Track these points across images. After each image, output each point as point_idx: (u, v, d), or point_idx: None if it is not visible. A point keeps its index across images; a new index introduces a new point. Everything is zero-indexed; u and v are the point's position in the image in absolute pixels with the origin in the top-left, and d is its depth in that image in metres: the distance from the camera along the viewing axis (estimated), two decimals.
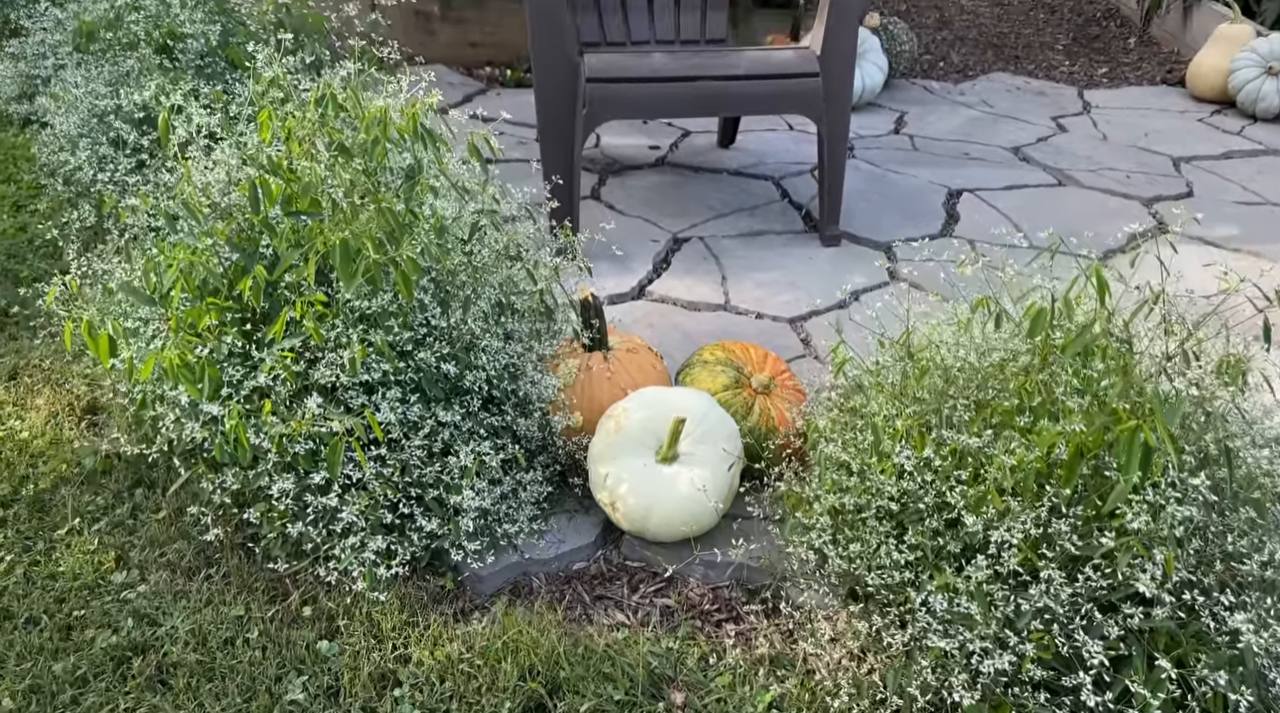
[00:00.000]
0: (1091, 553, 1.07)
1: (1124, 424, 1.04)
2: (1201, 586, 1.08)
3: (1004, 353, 1.27)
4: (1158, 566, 1.04)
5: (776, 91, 2.37)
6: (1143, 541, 1.05)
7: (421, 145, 1.53)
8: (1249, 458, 1.11)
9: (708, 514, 1.44)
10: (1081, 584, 1.07)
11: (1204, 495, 1.08)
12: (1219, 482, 1.11)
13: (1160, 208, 2.74)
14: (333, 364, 1.34)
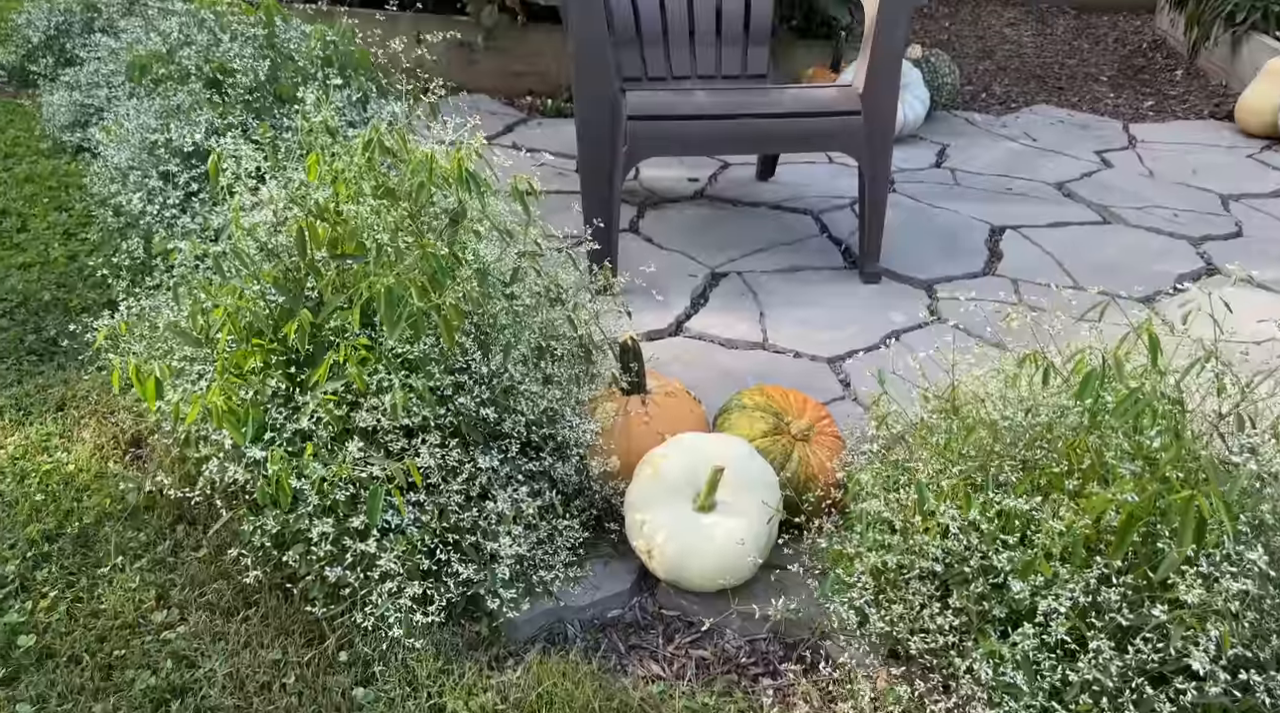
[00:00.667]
0: (1142, 624, 1.05)
1: (1178, 493, 1.01)
2: (1257, 661, 1.05)
3: (1051, 411, 1.24)
4: (1212, 640, 1.01)
5: (818, 129, 2.36)
6: (1196, 614, 1.02)
7: (466, 190, 1.54)
8: None
9: (745, 566, 1.42)
10: (1131, 656, 1.05)
11: (1260, 568, 1.05)
12: (1276, 552, 1.08)
13: (1209, 248, 2.69)
14: (374, 409, 1.34)
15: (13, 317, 2.16)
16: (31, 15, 3.61)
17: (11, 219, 2.57)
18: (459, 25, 3.79)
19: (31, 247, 2.44)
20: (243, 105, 2.21)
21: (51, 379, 1.95)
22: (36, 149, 3.00)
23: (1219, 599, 1.03)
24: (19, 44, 3.61)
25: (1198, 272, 2.56)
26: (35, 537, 1.55)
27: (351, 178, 1.56)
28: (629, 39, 2.75)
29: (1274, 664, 1.04)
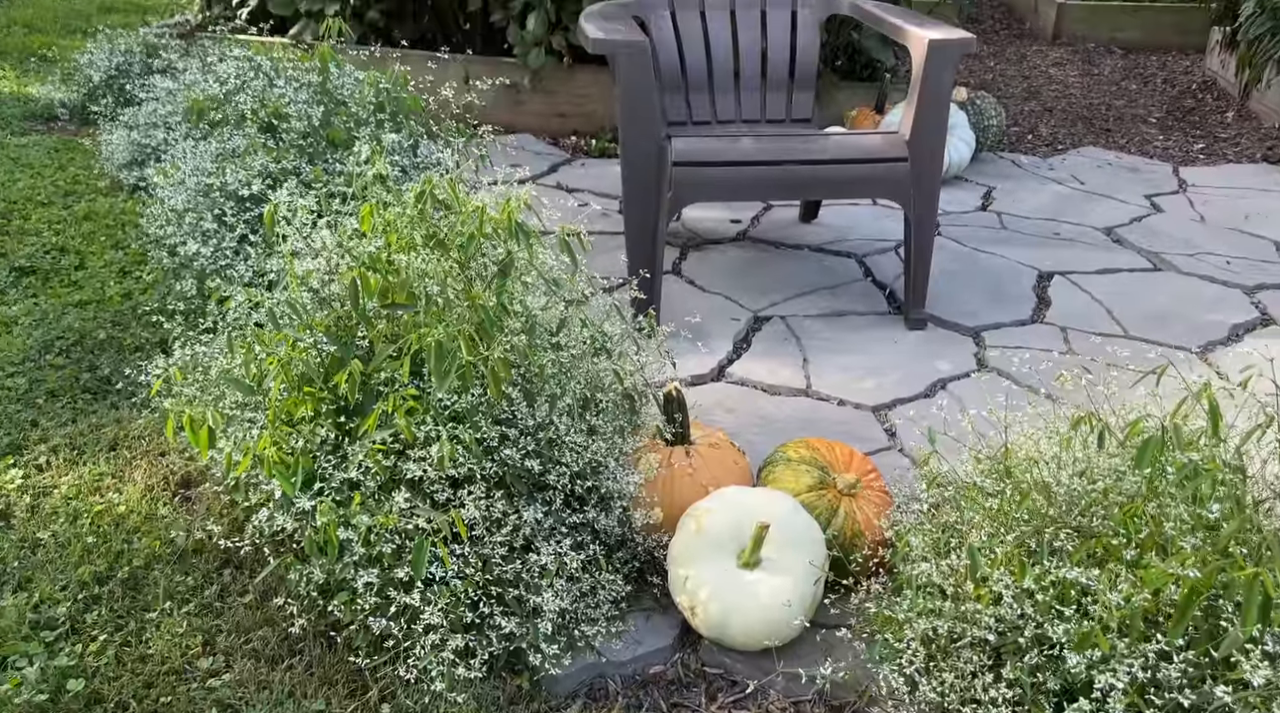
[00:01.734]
0: (1204, 704, 1.01)
1: (1242, 569, 0.98)
2: None
3: (1107, 476, 1.22)
4: None
5: (864, 176, 2.36)
6: (1262, 695, 0.99)
7: (515, 242, 1.56)
8: None
9: (790, 628, 1.40)
10: None
11: None
12: None
13: (1264, 297, 2.64)
14: (421, 459, 1.35)
15: (69, 355, 2.20)
16: (94, 56, 3.72)
17: (70, 257, 2.64)
18: (507, 68, 3.85)
19: (88, 284, 2.50)
20: (296, 150, 2.25)
21: (105, 418, 1.98)
22: (95, 187, 3.08)
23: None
24: (81, 83, 3.72)
25: (1253, 322, 2.51)
26: (86, 579, 1.57)
27: (404, 228, 1.58)
28: (675, 85, 2.77)
29: None
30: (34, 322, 2.32)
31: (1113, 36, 5.59)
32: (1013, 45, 5.65)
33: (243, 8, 4.13)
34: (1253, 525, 1.11)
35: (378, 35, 4.07)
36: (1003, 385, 2.19)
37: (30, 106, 3.77)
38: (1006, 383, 2.20)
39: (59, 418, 1.98)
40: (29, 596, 1.54)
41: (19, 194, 3.00)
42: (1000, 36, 5.94)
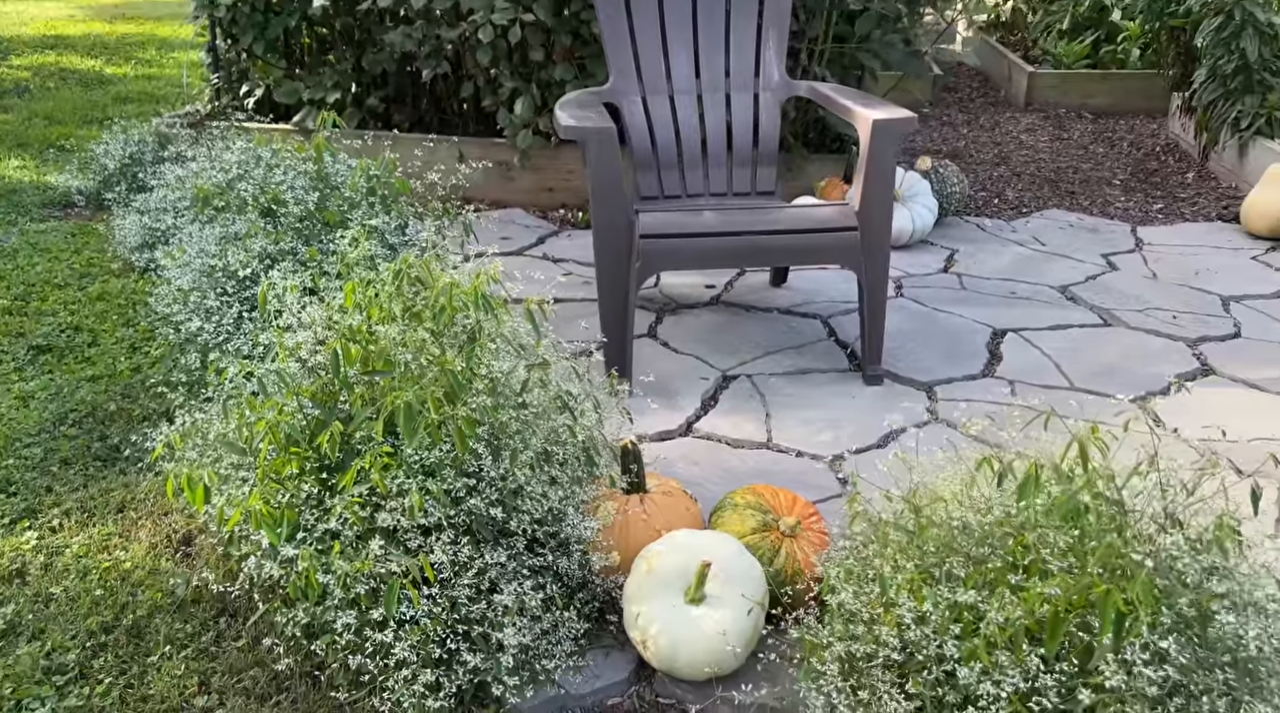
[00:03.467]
0: (1073, 708, 1.15)
1: (1099, 588, 1.13)
2: None
3: (1001, 511, 1.36)
4: None
5: (817, 245, 2.54)
6: (1118, 697, 1.12)
7: (482, 312, 1.73)
8: (1226, 620, 1.18)
9: (728, 657, 1.54)
10: None
11: (1174, 656, 1.15)
12: (1195, 643, 1.18)
13: (1205, 349, 2.79)
14: (394, 510, 1.50)
15: (81, 426, 2.37)
16: (109, 146, 3.97)
17: (84, 335, 2.83)
18: (498, 148, 4.08)
19: (100, 360, 2.68)
20: (293, 232, 2.45)
21: (114, 483, 2.15)
22: (108, 269, 3.29)
23: (1140, 684, 1.13)
24: (96, 172, 3.96)
25: (1193, 372, 2.66)
26: (94, 628, 1.71)
27: (384, 302, 1.76)
28: (648, 163, 2.98)
29: None
30: (49, 396, 2.50)
31: (1083, 102, 5.83)
32: (987, 113, 5.89)
33: (249, 97, 4.39)
34: (1120, 553, 1.25)
35: (377, 119, 4.33)
36: (950, 435, 2.34)
37: (49, 194, 4.02)
38: (955, 433, 2.35)
39: (71, 484, 2.15)
40: (42, 644, 1.68)
41: (37, 277, 3.21)
42: (976, 104, 6.19)
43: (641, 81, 2.99)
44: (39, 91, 5.68)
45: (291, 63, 4.39)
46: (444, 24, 3.77)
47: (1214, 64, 4.30)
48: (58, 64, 6.39)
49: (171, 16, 8.13)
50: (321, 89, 4.20)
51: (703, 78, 3.02)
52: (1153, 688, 1.14)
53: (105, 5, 8.80)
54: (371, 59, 4.15)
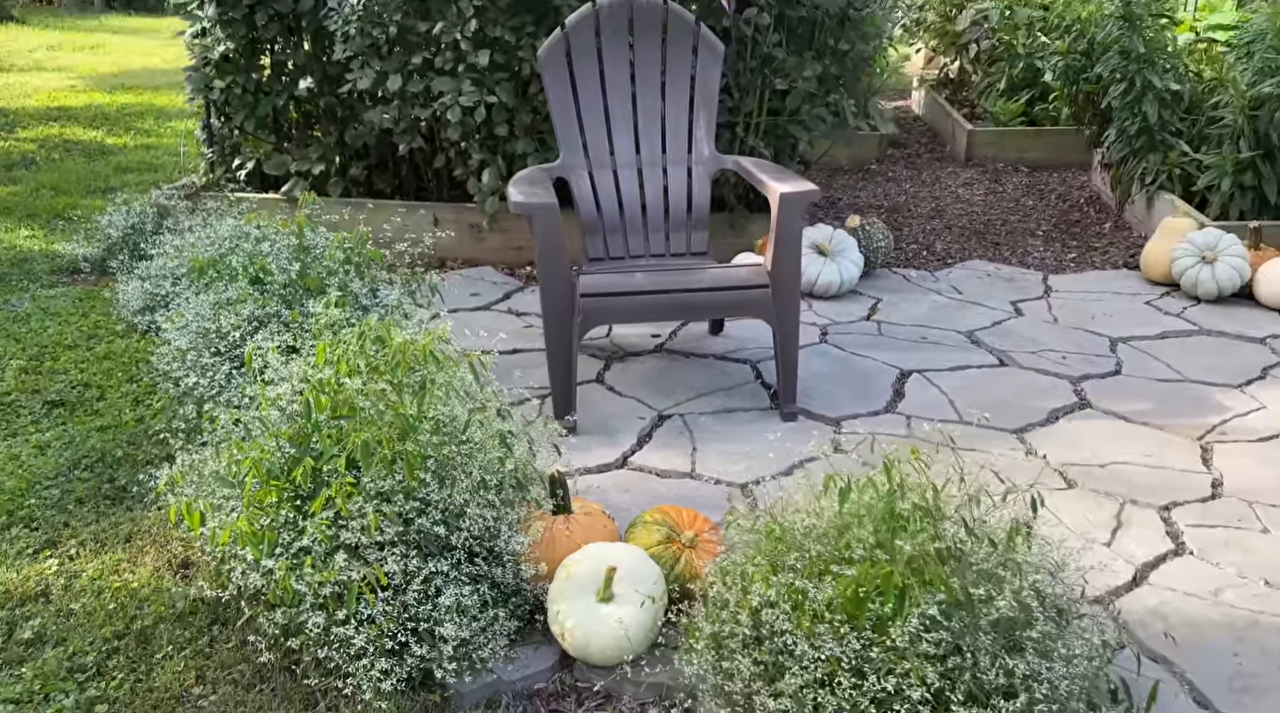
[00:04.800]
0: (870, 663, 1.49)
1: (885, 571, 1.48)
2: (954, 693, 1.48)
3: (836, 517, 1.72)
4: (909, 676, 1.45)
5: (734, 300, 2.92)
6: (902, 655, 1.47)
7: (432, 366, 2.09)
8: (978, 593, 1.53)
9: (627, 645, 1.88)
10: (867, 687, 1.49)
11: (944, 624, 1.49)
12: (962, 613, 1.53)
13: (1086, 386, 3.16)
14: (354, 529, 1.85)
15: (93, 470, 2.72)
16: (112, 217, 4.35)
17: (93, 390, 3.19)
18: (469, 212, 4.47)
19: (108, 412, 3.03)
20: (278, 298, 2.81)
21: (122, 518, 2.49)
22: (113, 330, 3.65)
23: (922, 646, 1.47)
24: (101, 241, 4.34)
25: (1070, 406, 3.02)
26: (108, 635, 2.05)
27: (350, 358, 2.12)
28: (595, 229, 3.36)
29: (963, 700, 1.47)
30: (64, 444, 2.84)
31: (1019, 157, 6.26)
32: (930, 168, 6.32)
33: (241, 169, 4.79)
34: (922, 546, 1.60)
35: (360, 187, 4.73)
36: (848, 462, 2.69)
37: (57, 262, 4.39)
38: (850, 460, 2.70)
39: (85, 519, 2.49)
40: (65, 649, 2.02)
41: (49, 339, 3.57)
42: (922, 159, 6.62)
43: (588, 158, 3.39)
44: (45, 163, 6.09)
45: (280, 137, 4.79)
46: (417, 104, 4.18)
47: (1121, 125, 4.73)
48: (61, 135, 6.81)
49: (169, 86, 8.58)
50: (308, 162, 4.60)
51: (642, 153, 3.42)
52: (930, 648, 1.48)
53: (105, 75, 9.26)
54: (354, 134, 4.56)
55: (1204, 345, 3.46)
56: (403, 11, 4.01)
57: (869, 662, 1.51)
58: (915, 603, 1.50)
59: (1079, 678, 1.56)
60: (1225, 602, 2.11)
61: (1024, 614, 1.54)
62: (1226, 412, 2.96)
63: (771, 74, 4.00)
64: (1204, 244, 3.84)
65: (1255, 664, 1.93)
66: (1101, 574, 2.20)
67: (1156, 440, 2.80)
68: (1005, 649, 1.51)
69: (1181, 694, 1.86)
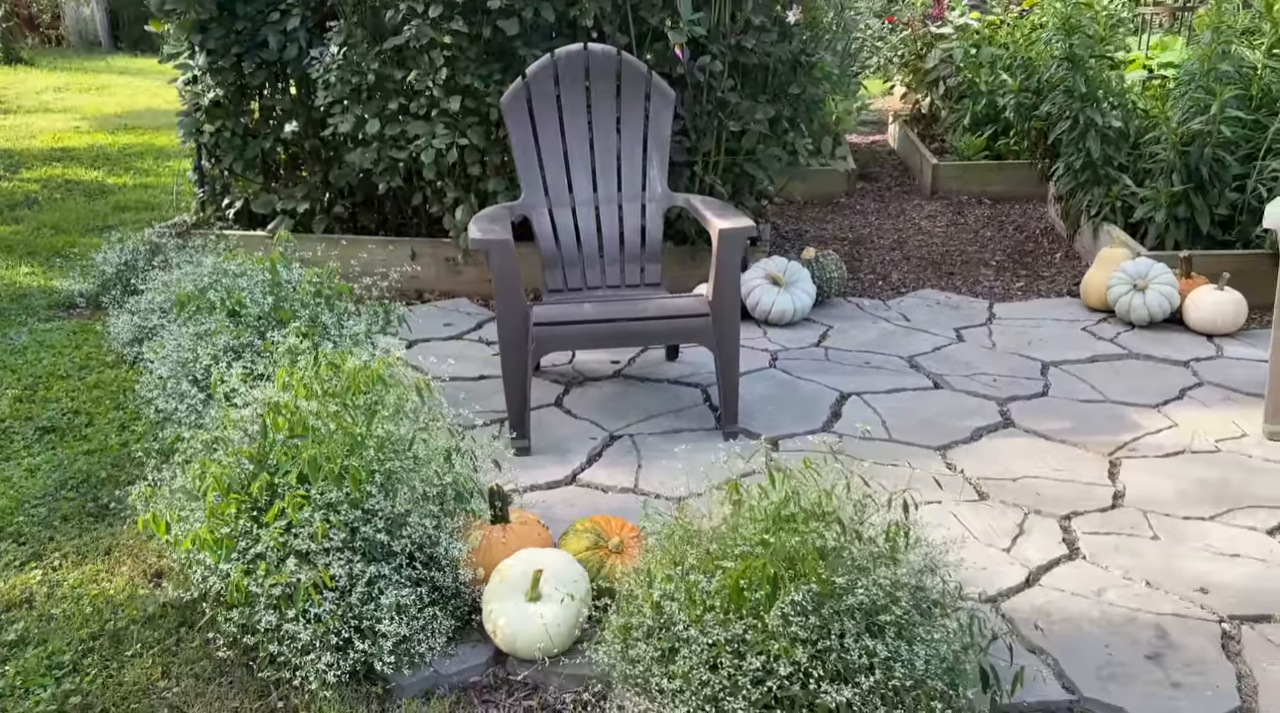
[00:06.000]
0: (747, 644, 1.69)
1: (759, 564, 1.68)
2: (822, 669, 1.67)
3: (732, 519, 1.92)
4: (780, 655, 1.64)
5: (677, 328, 3.14)
6: (772, 636, 1.66)
7: (381, 388, 2.31)
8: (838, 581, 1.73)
9: (550, 640, 2.07)
10: (745, 668, 1.68)
11: (813, 610, 1.69)
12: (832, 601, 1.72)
13: (1012, 406, 3.36)
14: (303, 536, 2.06)
15: (78, 490, 2.93)
16: (107, 254, 4.59)
17: (82, 417, 3.40)
18: (446, 246, 4.71)
19: (95, 437, 3.24)
20: (252, 330, 3.04)
21: (103, 533, 2.69)
22: (104, 361, 3.87)
23: (791, 629, 1.66)
24: (95, 277, 4.58)
25: (994, 425, 3.22)
26: (84, 636, 2.25)
27: (308, 382, 2.33)
28: (554, 262, 3.59)
29: (828, 678, 1.66)
30: (53, 467, 3.05)
31: (983, 190, 6.50)
32: (898, 200, 6.55)
33: (230, 208, 5.04)
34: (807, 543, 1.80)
35: (343, 224, 4.98)
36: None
37: (54, 297, 4.63)
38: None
39: (69, 534, 2.69)
40: (44, 649, 2.22)
41: (43, 370, 3.79)
42: (891, 192, 6.86)
43: (548, 196, 3.62)
44: (46, 203, 6.35)
45: (268, 177, 5.05)
46: (395, 146, 4.42)
47: (1068, 160, 4.96)
48: (63, 176, 7.08)
49: (169, 126, 8.86)
50: (293, 200, 4.85)
51: (599, 192, 3.65)
52: (799, 631, 1.68)
53: (109, 116, 9.57)
54: (337, 174, 4.81)
55: (1130, 368, 3.66)
56: (379, 61, 4.27)
57: (747, 644, 1.70)
58: (786, 592, 1.69)
59: (939, 660, 1.75)
60: (1107, 601, 2.29)
61: (889, 602, 1.74)
62: (1139, 430, 3.16)
63: (726, 117, 4.24)
64: (1136, 273, 4.05)
65: (1124, 655, 2.11)
66: (998, 576, 2.39)
67: (1069, 456, 2.99)
68: (869, 633, 1.70)
69: (1052, 681, 2.04)
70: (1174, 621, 2.22)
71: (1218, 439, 3.08)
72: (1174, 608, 2.26)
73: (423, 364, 3.80)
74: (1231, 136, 4.36)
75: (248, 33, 4.63)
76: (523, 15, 4.02)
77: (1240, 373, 3.59)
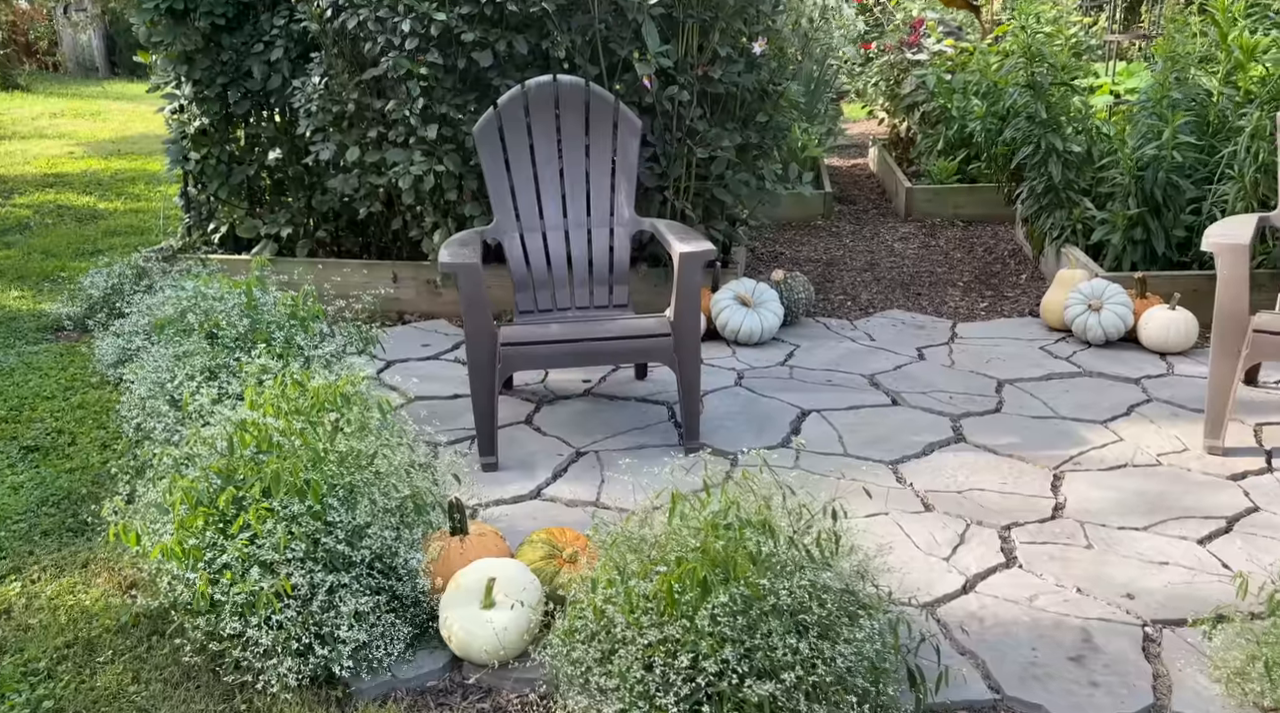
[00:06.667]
0: (677, 642, 1.79)
1: (687, 567, 1.79)
2: (749, 666, 1.78)
3: (667, 530, 2.03)
4: (709, 654, 1.75)
5: (639, 347, 3.26)
6: (700, 634, 1.77)
7: (344, 406, 2.42)
8: (762, 583, 1.83)
9: (507, 645, 2.17)
10: (676, 666, 1.78)
11: (740, 611, 1.80)
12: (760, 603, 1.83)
13: (964, 422, 3.48)
14: (266, 547, 2.16)
15: (59, 506, 3.03)
16: (94, 279, 4.71)
17: (65, 436, 3.51)
18: (426, 269, 4.84)
19: (78, 456, 3.35)
20: (227, 351, 3.15)
21: (81, 548, 2.79)
22: (89, 382, 3.98)
23: (718, 628, 1.77)
24: (83, 301, 4.69)
25: (945, 440, 3.34)
26: (59, 645, 2.35)
27: (275, 401, 2.44)
28: (525, 284, 3.71)
29: (754, 674, 1.77)
30: (36, 484, 3.16)
31: (955, 213, 6.65)
32: (873, 223, 6.70)
33: (216, 232, 5.17)
34: (738, 547, 1.91)
35: (326, 247, 5.10)
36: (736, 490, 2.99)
37: (43, 320, 4.74)
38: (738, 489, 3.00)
39: (49, 548, 2.79)
40: (21, 656, 2.32)
41: (30, 391, 3.90)
42: (868, 215, 7.01)
43: (519, 221, 3.75)
44: (38, 228, 6.48)
45: (253, 203, 5.17)
46: (374, 172, 4.56)
47: (1031, 184, 5.10)
48: (56, 201, 7.22)
49: (163, 151, 9.02)
50: (276, 225, 4.98)
51: (569, 217, 3.78)
52: (728, 630, 1.78)
53: (103, 142, 9.72)
54: (319, 199, 4.94)
55: (1082, 386, 3.78)
56: (359, 90, 4.41)
57: (679, 644, 1.81)
58: (715, 594, 1.80)
59: (861, 658, 1.85)
60: (1038, 606, 2.40)
61: (814, 603, 1.85)
62: (1085, 445, 3.27)
63: (695, 144, 4.38)
64: (1091, 293, 4.18)
65: (1048, 657, 2.22)
66: (937, 583, 2.50)
67: (1015, 470, 3.11)
68: (794, 633, 1.81)
69: (979, 681, 2.14)
70: (1099, 624, 2.33)
71: (1159, 453, 3.19)
72: (1100, 613, 2.37)
73: (399, 384, 3.92)
74: (1184, 161, 4.50)
75: (233, 63, 4.78)
76: (496, 48, 4.16)
77: (1188, 390, 3.71)
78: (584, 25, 4.23)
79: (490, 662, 2.21)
